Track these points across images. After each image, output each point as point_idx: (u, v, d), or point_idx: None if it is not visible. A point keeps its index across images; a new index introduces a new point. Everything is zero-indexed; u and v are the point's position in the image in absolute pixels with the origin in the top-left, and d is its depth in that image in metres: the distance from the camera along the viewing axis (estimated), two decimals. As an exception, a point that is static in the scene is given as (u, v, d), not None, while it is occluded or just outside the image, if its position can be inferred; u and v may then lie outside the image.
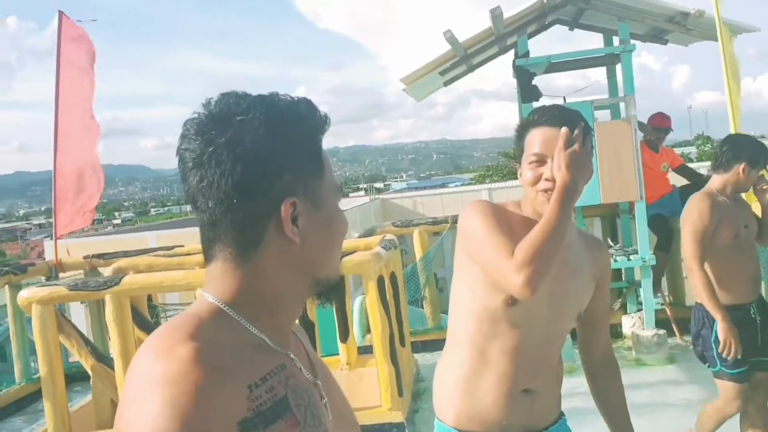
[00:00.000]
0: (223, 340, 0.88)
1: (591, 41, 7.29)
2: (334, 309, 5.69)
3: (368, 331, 6.70)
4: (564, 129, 1.71)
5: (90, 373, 5.01)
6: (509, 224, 1.79)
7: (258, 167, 0.90)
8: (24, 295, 4.78)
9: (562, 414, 1.99)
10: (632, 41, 5.95)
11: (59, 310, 5.07)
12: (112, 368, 4.80)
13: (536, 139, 1.80)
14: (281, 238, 0.93)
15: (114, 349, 4.67)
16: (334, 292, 1.02)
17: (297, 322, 1.10)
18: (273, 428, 0.85)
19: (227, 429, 0.80)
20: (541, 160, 1.78)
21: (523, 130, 1.85)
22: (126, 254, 6.60)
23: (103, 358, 5.11)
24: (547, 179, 1.75)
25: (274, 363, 0.92)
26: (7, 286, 6.42)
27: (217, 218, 0.92)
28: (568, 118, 1.78)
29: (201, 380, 0.79)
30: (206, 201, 0.91)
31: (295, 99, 0.96)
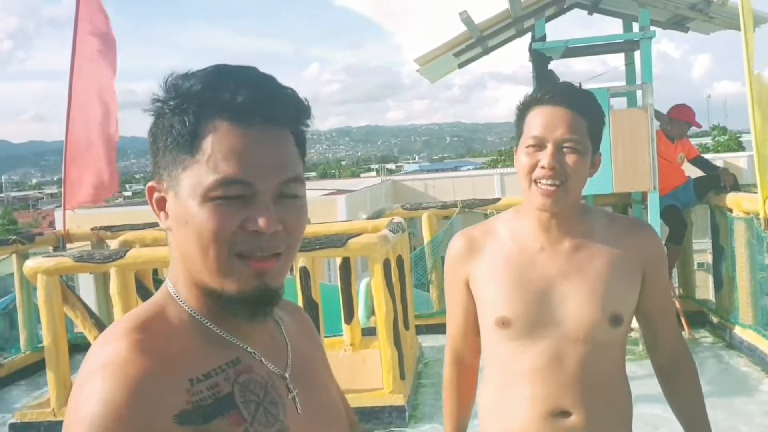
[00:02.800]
0: (168, 332, 0.88)
1: (610, 26, 7.17)
2: (340, 290, 5.67)
3: (373, 313, 6.68)
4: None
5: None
6: (476, 265, 1.68)
7: (150, 144, 0.91)
8: (30, 264, 4.79)
9: None
10: (652, 28, 5.84)
11: (67, 281, 5.07)
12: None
13: (537, 119, 1.57)
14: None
15: (117, 322, 4.67)
16: (257, 309, 0.90)
17: (300, 303, 1.05)
18: (212, 424, 0.84)
19: (164, 421, 0.79)
20: (540, 144, 1.55)
21: (524, 108, 1.62)
22: (133, 227, 6.58)
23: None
24: (543, 167, 1.54)
25: (225, 358, 0.90)
26: (14, 255, 6.44)
27: None
28: (576, 98, 1.57)
29: (139, 371, 0.80)
30: None
31: (209, 69, 0.89)
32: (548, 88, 1.60)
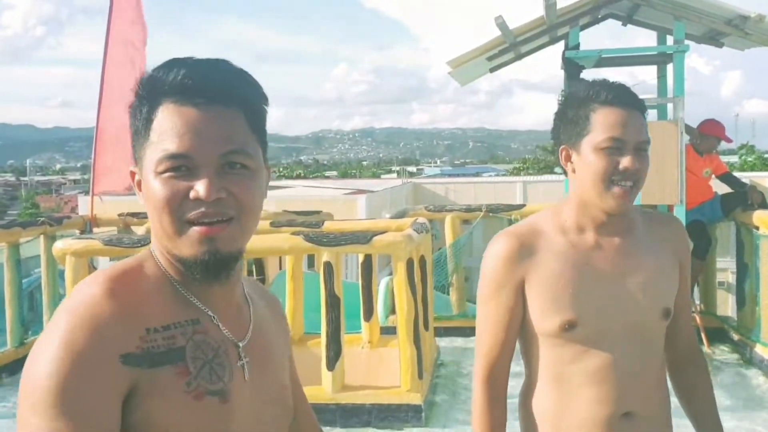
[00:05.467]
0: (140, 286, 0.99)
1: (641, 38, 7.15)
2: (360, 287, 5.70)
3: (392, 312, 6.71)
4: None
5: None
6: (523, 265, 1.58)
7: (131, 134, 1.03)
8: (59, 246, 4.87)
9: None
10: (686, 42, 5.82)
11: (91, 264, 5.15)
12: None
13: (612, 120, 1.51)
14: None
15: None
16: (209, 272, 0.99)
17: (323, 297, 1.13)
18: (159, 369, 0.94)
19: (109, 359, 0.90)
20: (618, 147, 1.50)
21: (582, 106, 1.55)
22: (160, 215, 6.66)
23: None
24: (626, 169, 1.50)
25: (186, 316, 1.00)
26: (42, 237, 6.54)
27: None
28: (640, 102, 1.56)
29: (100, 313, 0.91)
30: None
31: (166, 60, 1.00)
32: (618, 90, 1.55)
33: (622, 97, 1.54)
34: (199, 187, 0.94)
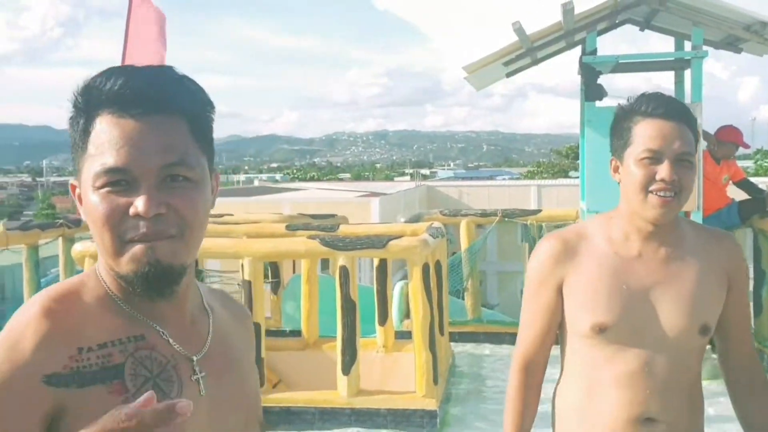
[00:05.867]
0: (78, 305, 0.96)
1: (657, 44, 7.12)
2: (375, 291, 5.71)
3: (406, 316, 6.72)
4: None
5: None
6: (569, 267, 1.66)
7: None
8: (78, 248, 4.93)
9: None
10: (704, 47, 5.78)
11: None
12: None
13: (651, 132, 1.57)
14: None
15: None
16: (151, 286, 0.95)
17: (338, 301, 1.08)
18: (90, 389, 0.90)
19: (30, 381, 0.88)
20: (656, 158, 1.56)
21: (626, 119, 1.62)
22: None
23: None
24: (663, 180, 1.55)
25: (128, 333, 0.96)
26: (61, 238, 6.61)
27: None
28: (684, 112, 1.60)
29: (31, 333, 0.90)
30: None
31: (106, 69, 0.96)
32: (655, 101, 1.60)
33: (661, 108, 1.58)
34: (138, 203, 0.90)
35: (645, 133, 1.58)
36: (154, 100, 0.93)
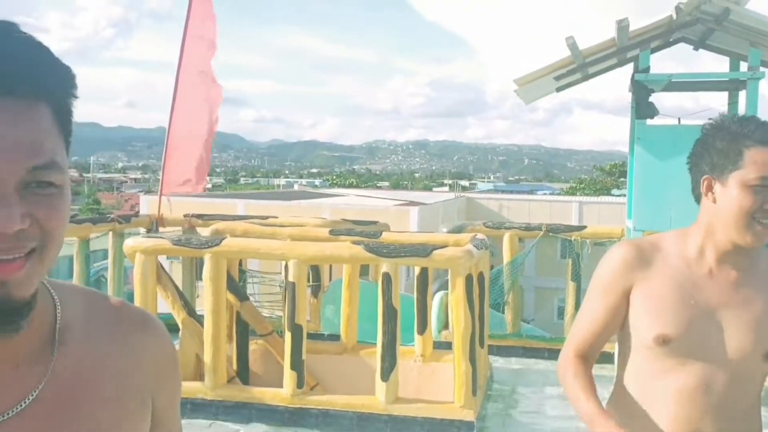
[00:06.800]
0: None
1: (710, 64, 7.02)
2: (415, 300, 5.74)
3: (445, 326, 6.72)
4: None
5: (180, 325, 5.23)
6: (644, 274, 1.66)
7: None
8: (130, 243, 5.06)
9: None
10: (762, 69, 5.69)
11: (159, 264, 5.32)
12: (202, 324, 5.01)
13: (766, 159, 1.56)
14: None
15: (206, 306, 4.87)
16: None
17: (380, 308, 0.93)
18: None
19: None
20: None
21: (735, 141, 1.60)
22: (223, 218, 6.84)
23: (194, 313, 5.34)
24: None
25: None
26: (111, 233, 6.79)
27: None
28: None
29: None
30: None
31: None
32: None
33: None
34: None
35: (761, 160, 1.56)
36: (11, 76, 0.70)
